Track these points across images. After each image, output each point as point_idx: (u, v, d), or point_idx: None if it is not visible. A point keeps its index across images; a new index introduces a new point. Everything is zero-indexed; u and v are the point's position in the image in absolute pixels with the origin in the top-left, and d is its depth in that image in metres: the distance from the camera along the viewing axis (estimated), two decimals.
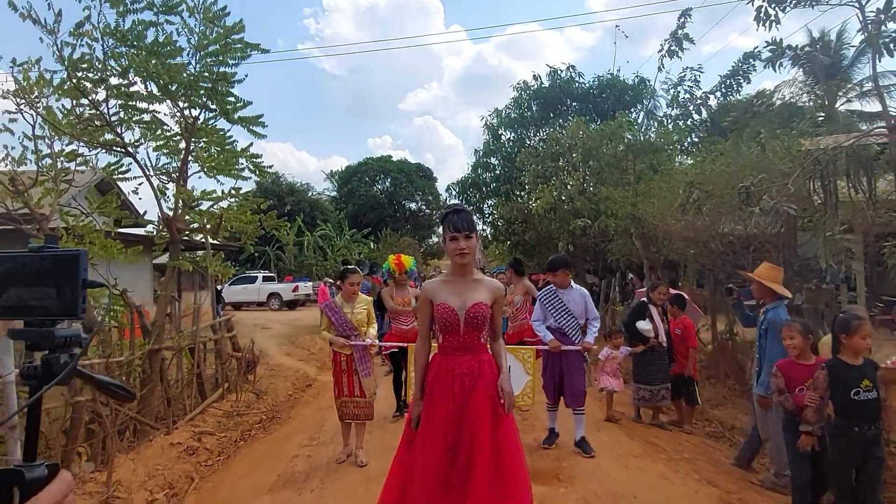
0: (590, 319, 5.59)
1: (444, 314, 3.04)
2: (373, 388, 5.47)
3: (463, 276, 3.12)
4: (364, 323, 5.44)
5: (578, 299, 5.59)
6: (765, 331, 4.79)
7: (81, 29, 5.25)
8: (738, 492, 4.40)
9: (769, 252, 8.05)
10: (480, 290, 3.09)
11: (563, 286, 5.63)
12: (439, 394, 3.02)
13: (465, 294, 3.06)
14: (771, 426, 4.70)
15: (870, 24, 6.33)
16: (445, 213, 3.15)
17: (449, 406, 2.96)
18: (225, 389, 7.82)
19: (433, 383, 3.08)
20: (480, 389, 2.98)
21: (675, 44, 11.80)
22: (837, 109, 18.63)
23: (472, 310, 3.02)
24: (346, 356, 5.33)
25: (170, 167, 6.96)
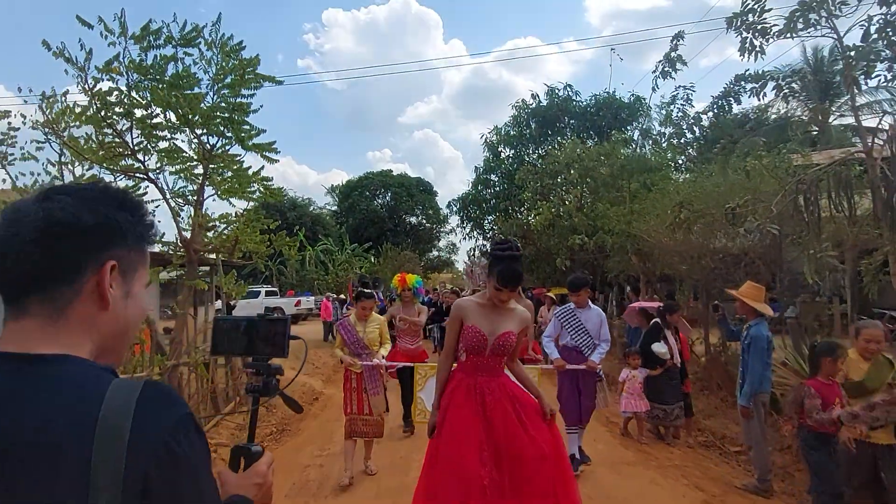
0: (602, 341, 5.57)
1: (473, 336, 3.13)
2: (381, 407, 5.49)
3: (494, 302, 3.21)
4: (376, 342, 5.54)
5: (595, 319, 5.59)
6: (748, 345, 5.12)
7: (111, 66, 5.62)
8: (721, 495, 4.73)
9: (759, 268, 8.41)
10: (511, 320, 3.20)
11: (581, 305, 5.64)
12: (460, 409, 3.08)
13: (497, 321, 3.16)
14: (753, 435, 5.03)
15: (850, 56, 6.74)
16: (499, 257, 3.14)
17: (474, 420, 3.02)
18: (237, 403, 8.13)
19: (452, 397, 3.16)
20: (502, 407, 3.05)
21: (668, 65, 12.25)
22: (831, 125, 19.07)
23: (501, 338, 3.13)
24: (356, 374, 5.44)
25: (186, 191, 7.34)
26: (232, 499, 1.12)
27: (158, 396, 0.89)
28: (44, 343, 0.89)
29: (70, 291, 0.92)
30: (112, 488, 0.80)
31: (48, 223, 0.90)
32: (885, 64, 6.24)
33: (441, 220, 42.65)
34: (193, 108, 6.35)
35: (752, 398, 4.99)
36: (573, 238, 13.52)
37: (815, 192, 6.95)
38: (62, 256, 0.91)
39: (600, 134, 19.49)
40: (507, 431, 2.98)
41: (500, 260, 3.09)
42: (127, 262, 0.97)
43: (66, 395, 0.85)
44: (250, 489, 1.16)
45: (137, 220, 0.99)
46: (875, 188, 6.62)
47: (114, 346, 0.99)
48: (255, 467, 1.22)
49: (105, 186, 1.01)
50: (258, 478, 1.20)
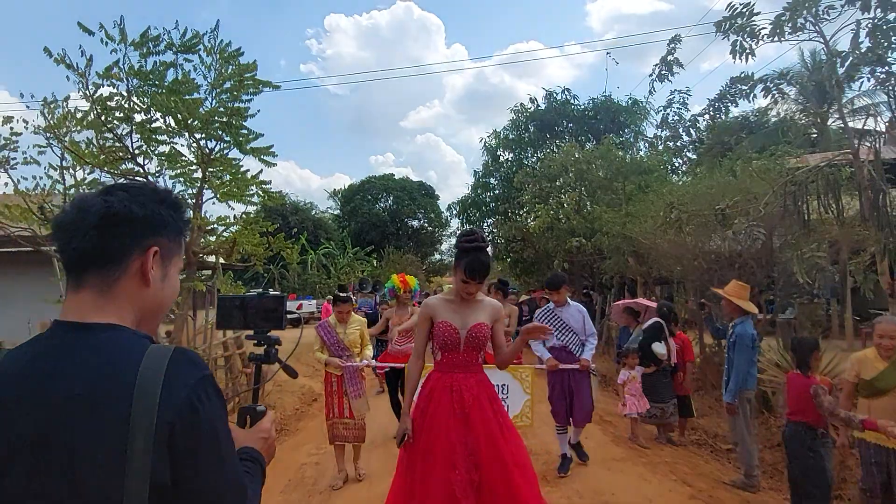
0: (588, 336, 5.52)
1: (445, 332, 3.07)
2: (363, 411, 5.36)
3: (465, 299, 3.17)
4: (357, 344, 5.43)
5: (577, 315, 5.56)
6: (733, 343, 5.22)
7: (111, 72, 5.76)
8: (709, 490, 4.83)
9: (753, 269, 8.50)
10: (481, 311, 3.14)
11: (561, 304, 5.62)
12: (437, 411, 2.99)
13: (467, 314, 3.11)
14: (739, 431, 5.12)
15: (834, 60, 6.86)
16: (465, 248, 3.09)
17: (450, 421, 2.93)
18: (236, 403, 8.24)
19: (429, 399, 3.07)
20: (480, 407, 2.98)
21: (665, 68, 12.38)
22: (829, 127, 19.12)
23: (473, 329, 3.07)
24: (337, 377, 5.32)
25: (185, 194, 7.46)
26: (243, 449, 1.30)
27: (185, 360, 1.05)
28: (95, 313, 1.08)
29: (119, 269, 1.10)
30: (145, 435, 0.96)
31: (108, 212, 1.09)
32: (868, 68, 6.34)
33: (443, 223, 42.73)
34: (192, 112, 6.47)
35: (737, 395, 5.08)
36: (571, 241, 13.62)
37: (804, 194, 7.06)
38: (116, 240, 1.10)
39: (598, 137, 19.61)
40: (486, 431, 2.93)
41: (466, 252, 3.04)
42: (167, 249, 1.17)
43: (111, 357, 1.02)
44: (257, 442, 1.36)
45: (178, 215, 1.20)
46: (862, 189, 6.73)
47: (151, 318, 1.19)
48: (261, 424, 1.42)
49: (154, 187, 1.23)
50: (263, 433, 1.40)
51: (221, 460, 1.06)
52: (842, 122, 7.74)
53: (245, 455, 1.29)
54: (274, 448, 1.44)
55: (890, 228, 6.26)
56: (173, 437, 0.98)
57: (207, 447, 1.03)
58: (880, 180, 6.37)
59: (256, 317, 1.65)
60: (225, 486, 1.06)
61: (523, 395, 5.22)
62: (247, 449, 1.31)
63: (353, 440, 5.31)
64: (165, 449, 0.97)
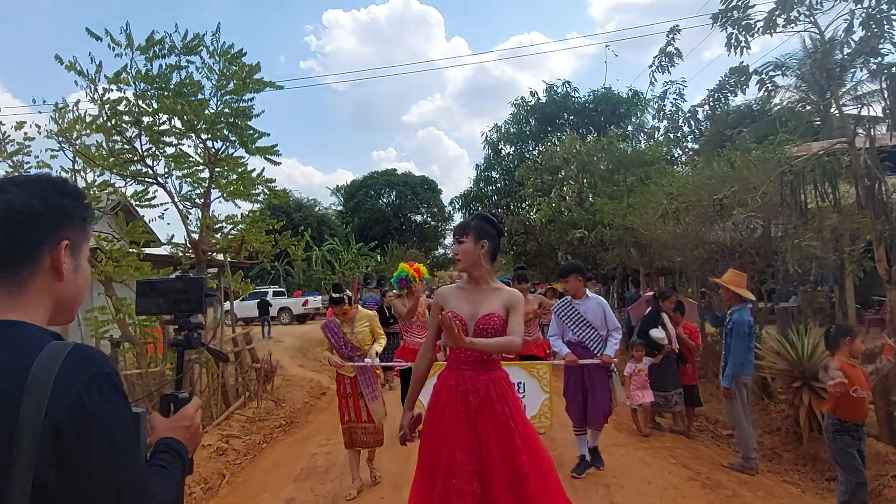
0: (610, 330, 5.08)
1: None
2: (381, 413, 4.95)
3: (478, 285, 2.89)
4: (367, 341, 4.96)
5: (596, 309, 5.11)
6: (730, 330, 5.36)
7: (120, 77, 5.92)
8: (707, 473, 4.98)
9: (753, 258, 8.62)
10: (494, 300, 2.83)
11: (577, 295, 5.17)
12: (443, 412, 2.77)
13: (478, 303, 2.83)
14: (735, 415, 5.27)
15: (827, 48, 6.95)
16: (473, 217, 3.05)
17: (454, 425, 2.70)
18: (246, 397, 8.43)
19: (436, 398, 2.85)
20: (490, 410, 2.70)
21: (664, 59, 12.46)
22: (832, 114, 19.15)
23: (482, 320, 2.77)
24: (349, 378, 4.92)
25: (193, 194, 7.63)
26: (163, 440, 1.28)
27: (81, 357, 1.02)
28: (4, 312, 1.06)
29: (29, 268, 1.09)
30: (32, 433, 0.93)
31: (8, 211, 1.07)
32: (861, 59, 6.43)
33: (446, 217, 42.88)
34: (198, 114, 6.63)
35: (734, 380, 5.22)
36: (573, 233, 13.75)
37: (801, 183, 7.17)
38: (22, 239, 1.08)
39: (599, 129, 19.71)
40: (496, 436, 2.66)
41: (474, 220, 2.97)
42: (75, 240, 1.15)
43: (8, 353, 1.00)
44: (179, 431, 1.33)
45: (79, 203, 1.17)
46: (859, 177, 6.84)
47: (67, 307, 1.17)
48: (183, 411, 1.38)
49: (49, 177, 1.20)
50: (185, 420, 1.36)
51: (115, 460, 1.01)
52: (839, 112, 7.83)
53: (163, 446, 1.26)
54: (199, 435, 1.39)
55: (886, 216, 6.37)
56: (60, 435, 0.95)
57: (99, 447, 0.99)
58: (876, 168, 6.47)
59: (175, 301, 1.58)
60: (120, 486, 1.01)
61: (541, 394, 4.94)
62: (166, 439, 1.28)
63: (373, 444, 4.95)
64: (50, 447, 0.94)
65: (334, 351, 4.96)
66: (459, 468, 2.59)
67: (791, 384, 6.15)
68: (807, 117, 18.00)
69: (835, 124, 17.15)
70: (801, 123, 14.12)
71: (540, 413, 4.85)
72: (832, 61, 6.94)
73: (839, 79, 6.79)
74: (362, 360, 4.84)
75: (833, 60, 7.01)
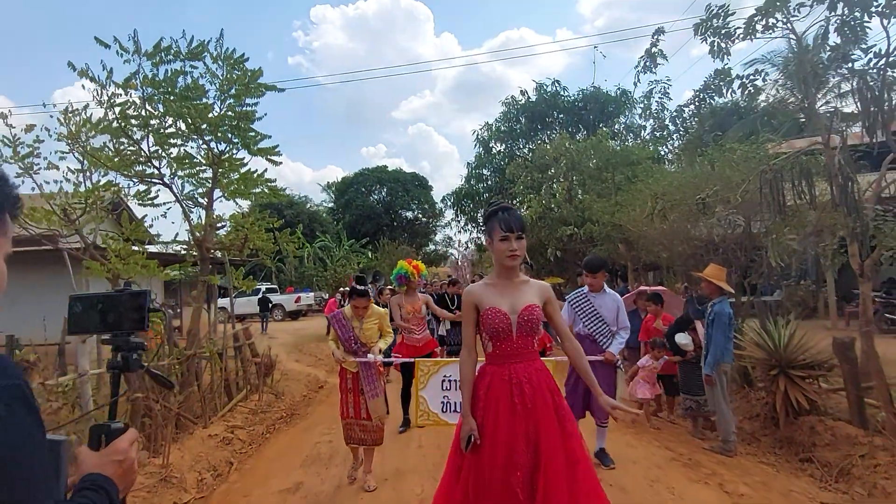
0: (620, 328, 5.12)
1: (495, 318, 2.80)
2: (382, 411, 4.91)
3: (509, 279, 2.90)
4: (374, 338, 4.95)
5: (611, 305, 5.17)
6: (711, 321, 5.71)
7: (129, 82, 6.17)
8: (688, 454, 5.33)
9: (736, 253, 8.99)
10: (529, 292, 2.87)
11: (597, 290, 5.22)
12: (498, 407, 2.74)
13: (515, 297, 2.85)
14: (716, 401, 5.62)
15: (805, 53, 7.31)
16: (493, 210, 2.91)
17: (513, 419, 2.70)
18: (248, 391, 8.70)
19: (488, 396, 2.80)
20: (542, 399, 2.74)
21: (649, 60, 12.82)
22: (818, 110, 19.62)
23: (524, 312, 2.80)
24: (352, 374, 4.88)
25: (195, 193, 7.88)
26: (88, 476, 1.11)
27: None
28: None
29: None
30: None
31: None
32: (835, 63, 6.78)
33: (437, 214, 43.19)
34: (203, 117, 6.89)
35: (715, 367, 5.57)
36: (563, 229, 14.11)
37: (778, 182, 7.53)
38: None
39: (588, 128, 20.07)
40: (548, 425, 2.70)
41: (495, 212, 2.88)
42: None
43: None
44: (109, 466, 1.15)
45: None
46: (833, 176, 7.20)
47: None
48: (114, 444, 1.20)
49: None
50: (117, 455, 1.18)
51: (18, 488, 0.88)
52: (814, 115, 8.19)
53: (87, 483, 1.09)
54: (133, 472, 1.21)
55: (857, 213, 6.73)
56: None
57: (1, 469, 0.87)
58: (848, 168, 6.83)
59: (116, 318, 1.39)
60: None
61: None
62: (92, 476, 1.11)
63: (371, 443, 4.89)
64: None
65: (339, 343, 4.91)
66: (520, 461, 2.62)
67: (769, 372, 6.51)
68: (792, 114, 18.44)
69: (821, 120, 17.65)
70: (787, 120, 14.55)
71: None
72: (812, 63, 7.29)
73: (816, 84, 7.13)
74: (366, 356, 4.81)
75: (812, 62, 7.37)
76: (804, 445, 5.76)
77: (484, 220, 3.01)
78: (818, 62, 6.89)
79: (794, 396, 6.04)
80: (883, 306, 13.30)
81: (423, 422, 4.98)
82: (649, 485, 4.61)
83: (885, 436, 5.20)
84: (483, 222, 3.04)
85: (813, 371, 6.29)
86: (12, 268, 1.05)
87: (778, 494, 4.43)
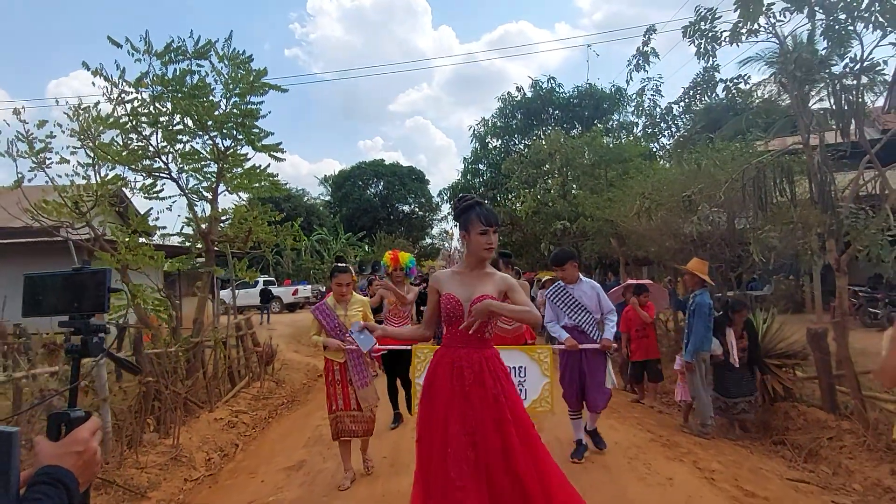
0: (605, 313, 5.15)
1: (448, 304, 2.99)
2: (372, 401, 4.83)
3: (472, 269, 3.07)
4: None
5: (590, 292, 5.18)
6: (692, 311, 6.05)
7: (141, 81, 6.47)
8: (667, 435, 5.68)
9: (722, 248, 9.33)
10: (488, 283, 3.02)
11: (571, 281, 5.21)
12: (440, 388, 2.95)
13: (474, 286, 3.01)
14: (695, 386, 5.97)
15: (788, 56, 7.62)
16: (468, 204, 3.06)
17: (448, 396, 2.88)
18: (250, 378, 9.03)
19: (433, 374, 3.02)
20: (481, 384, 2.88)
21: (641, 58, 13.11)
22: (811, 108, 19.92)
23: (476, 301, 2.95)
24: (339, 364, 4.77)
25: (200, 187, 8.19)
26: (44, 468, 1.04)
27: None
28: None
29: None
30: None
31: None
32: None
33: (434, 207, 43.49)
34: (209, 114, 7.19)
35: (695, 355, 5.92)
36: (556, 223, 14.44)
37: (761, 180, 7.86)
38: None
39: (583, 124, 20.39)
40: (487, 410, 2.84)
41: (471, 206, 3.04)
42: None
43: None
44: (68, 458, 1.07)
45: None
46: (812, 174, 7.53)
47: None
48: (74, 434, 1.13)
49: None
50: (77, 445, 1.10)
51: None
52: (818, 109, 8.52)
53: (43, 477, 1.02)
54: (95, 464, 1.13)
55: (833, 211, 7.06)
56: None
57: None
58: (825, 166, 7.16)
59: (73, 298, 1.31)
60: None
61: (542, 378, 4.76)
62: (49, 468, 1.04)
63: (363, 434, 4.83)
64: None
65: (323, 334, 4.83)
66: (455, 437, 2.77)
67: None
68: (785, 111, 18.79)
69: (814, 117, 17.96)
70: (778, 118, 14.88)
71: (541, 398, 4.71)
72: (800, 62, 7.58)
73: (801, 84, 7.42)
74: (353, 345, 4.53)
75: (801, 61, 7.66)
76: (778, 430, 6.09)
77: (458, 214, 3.10)
78: (802, 64, 7.18)
79: (770, 384, 6.40)
80: (867, 301, 13.65)
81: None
82: (628, 462, 4.95)
83: (852, 420, 5.56)
84: (457, 215, 3.12)
85: (788, 360, 6.66)
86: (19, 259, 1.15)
87: (748, 471, 4.77)
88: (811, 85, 7.80)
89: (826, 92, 14.53)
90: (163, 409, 6.16)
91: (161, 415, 6.14)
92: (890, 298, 13.05)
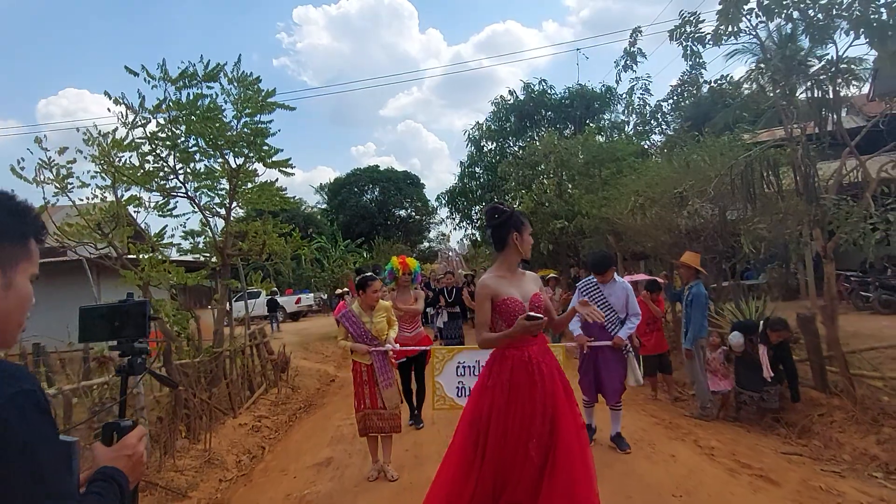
0: (630, 315, 5.33)
1: (513, 306, 3.14)
2: (396, 400, 5.09)
3: (512, 271, 3.30)
4: (384, 332, 5.11)
5: (620, 293, 5.36)
6: (689, 301, 6.43)
7: (160, 107, 6.84)
8: (669, 419, 6.07)
9: (715, 241, 9.72)
10: (531, 282, 3.33)
11: (605, 280, 5.40)
12: (522, 382, 3.07)
13: (523, 287, 3.26)
14: (695, 372, 6.35)
15: (768, 59, 8.01)
16: (510, 211, 3.32)
17: (533, 395, 3.04)
18: (266, 385, 9.38)
19: (511, 373, 3.10)
20: (553, 378, 3.12)
21: (628, 59, 13.51)
22: (798, 98, 20.34)
23: (533, 300, 3.21)
24: (366, 366, 5.01)
25: (213, 204, 8.55)
26: (101, 469, 1.25)
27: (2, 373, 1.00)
28: None
29: None
30: None
31: None
32: None
33: (430, 211, 43.73)
34: (222, 135, 7.55)
35: (694, 342, 6.30)
36: (554, 223, 14.79)
37: (749, 173, 8.25)
38: None
39: (576, 124, 20.80)
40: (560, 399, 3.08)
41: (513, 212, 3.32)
42: (6, 256, 1.11)
43: None
44: (120, 460, 1.29)
45: (17, 220, 1.14)
46: (796, 167, 7.92)
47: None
48: (125, 440, 1.34)
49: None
50: (127, 449, 1.32)
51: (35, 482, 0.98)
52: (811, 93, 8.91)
53: (100, 475, 1.22)
54: (142, 465, 1.36)
55: (816, 201, 7.45)
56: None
57: (18, 466, 0.96)
58: (807, 158, 7.55)
59: (121, 326, 1.56)
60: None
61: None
62: (104, 468, 1.25)
63: (390, 430, 5.03)
64: None
65: (351, 339, 5.04)
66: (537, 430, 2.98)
67: None
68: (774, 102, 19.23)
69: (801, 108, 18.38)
70: (765, 110, 15.31)
71: None
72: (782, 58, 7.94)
73: (783, 83, 7.80)
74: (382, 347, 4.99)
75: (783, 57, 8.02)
76: (774, 411, 6.48)
77: (505, 219, 3.28)
78: (783, 62, 7.56)
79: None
80: (859, 285, 14.03)
81: (440, 406, 5.30)
82: (633, 442, 5.33)
83: (841, 398, 5.94)
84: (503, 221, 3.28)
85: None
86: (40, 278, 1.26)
87: (745, 447, 5.16)
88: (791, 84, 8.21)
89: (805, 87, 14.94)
90: (191, 416, 6.51)
91: (190, 422, 6.49)
92: (880, 282, 13.42)
